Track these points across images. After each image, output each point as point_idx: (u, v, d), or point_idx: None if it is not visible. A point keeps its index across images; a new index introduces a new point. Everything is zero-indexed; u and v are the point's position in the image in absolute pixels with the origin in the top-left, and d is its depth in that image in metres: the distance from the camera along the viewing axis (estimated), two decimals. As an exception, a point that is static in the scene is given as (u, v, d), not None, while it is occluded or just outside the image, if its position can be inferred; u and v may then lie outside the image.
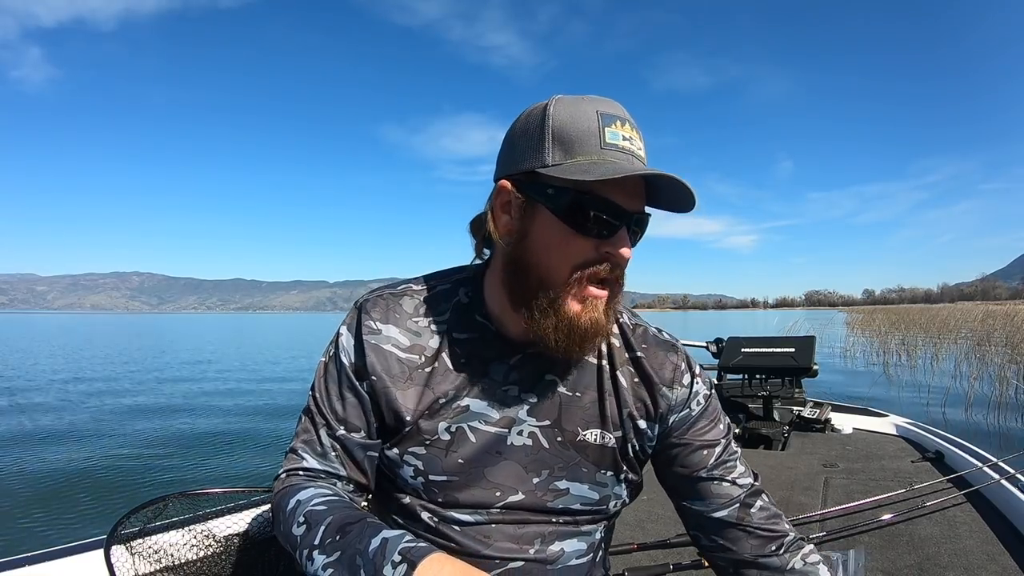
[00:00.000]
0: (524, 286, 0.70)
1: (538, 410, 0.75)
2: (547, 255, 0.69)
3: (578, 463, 0.76)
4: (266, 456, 5.54)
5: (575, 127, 0.67)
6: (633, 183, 0.68)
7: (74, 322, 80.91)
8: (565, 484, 0.76)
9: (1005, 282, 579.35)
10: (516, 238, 0.71)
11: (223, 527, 1.10)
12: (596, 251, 0.68)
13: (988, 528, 1.68)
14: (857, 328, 22.50)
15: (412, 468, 0.74)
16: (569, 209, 0.67)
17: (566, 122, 0.67)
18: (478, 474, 0.74)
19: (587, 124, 0.67)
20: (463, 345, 0.76)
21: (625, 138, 0.68)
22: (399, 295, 0.79)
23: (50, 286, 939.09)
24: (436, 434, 0.74)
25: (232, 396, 9.68)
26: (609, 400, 0.78)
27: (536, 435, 0.75)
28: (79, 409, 8.18)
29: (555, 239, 0.68)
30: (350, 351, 0.76)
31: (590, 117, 0.67)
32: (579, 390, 0.77)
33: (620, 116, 0.68)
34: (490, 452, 0.74)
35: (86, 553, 1.11)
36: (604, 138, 0.66)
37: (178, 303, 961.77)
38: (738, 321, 55.50)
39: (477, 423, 0.74)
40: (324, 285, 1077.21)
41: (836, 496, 2.05)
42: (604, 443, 0.76)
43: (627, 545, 1.67)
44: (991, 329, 15.73)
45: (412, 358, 0.75)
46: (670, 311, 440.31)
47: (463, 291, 0.79)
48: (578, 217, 0.66)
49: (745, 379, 3.43)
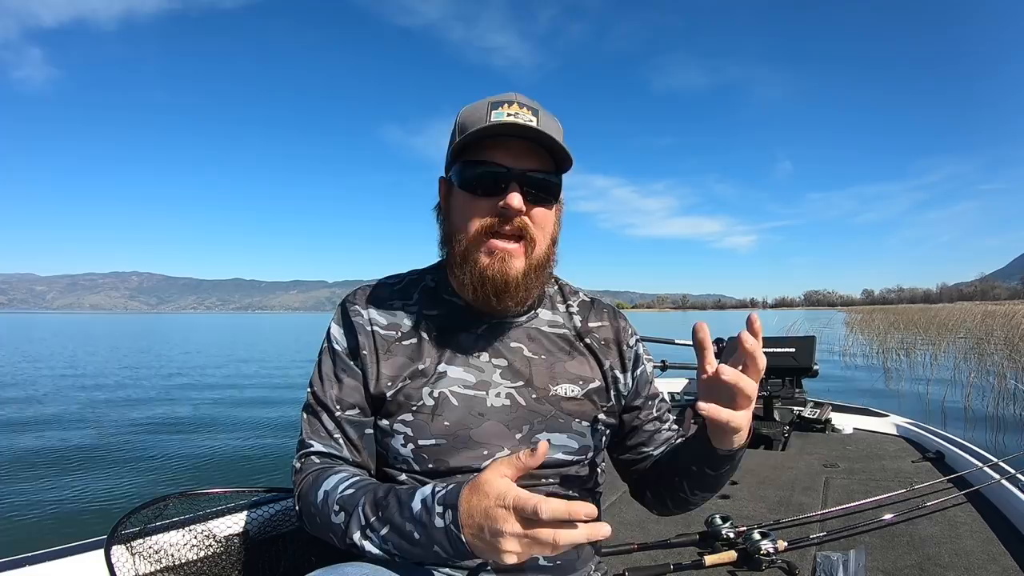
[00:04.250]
0: (455, 255, 0.83)
1: (510, 373, 0.84)
2: (460, 221, 0.82)
3: (555, 415, 0.84)
4: (266, 456, 5.54)
5: (471, 117, 0.80)
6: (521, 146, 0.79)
7: (73, 322, 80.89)
8: (545, 435, 0.83)
9: (1004, 282, 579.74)
10: (445, 217, 0.87)
11: (223, 527, 1.10)
12: (493, 208, 0.79)
13: (988, 528, 1.68)
14: (856, 328, 22.50)
15: (402, 436, 0.81)
16: (462, 177, 0.81)
17: (465, 116, 0.81)
18: (464, 436, 0.80)
19: (479, 113, 0.80)
20: (434, 320, 0.86)
21: (510, 115, 0.78)
22: (374, 286, 0.91)
23: (49, 286, 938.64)
24: (421, 400, 0.81)
25: (232, 396, 9.66)
26: (577, 359, 0.89)
27: (512, 395, 0.83)
28: (79, 409, 8.17)
29: (463, 207, 0.81)
30: (341, 338, 0.85)
31: (481, 107, 0.80)
32: (544, 353, 0.87)
33: (509, 100, 0.80)
34: (472, 414, 0.81)
35: (86, 553, 1.11)
36: (489, 118, 0.78)
37: (177, 303, 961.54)
38: (738, 321, 55.33)
39: (457, 387, 0.82)
40: (323, 285, 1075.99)
41: (836, 496, 2.05)
42: (575, 396, 0.86)
43: (627, 545, 1.67)
44: (990, 329, 15.73)
45: (390, 333, 0.85)
46: (669, 311, 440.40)
47: (429, 277, 0.92)
48: (470, 182, 0.80)
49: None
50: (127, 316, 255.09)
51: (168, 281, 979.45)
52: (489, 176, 0.78)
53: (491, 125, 0.76)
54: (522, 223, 0.79)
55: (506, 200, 0.77)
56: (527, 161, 0.79)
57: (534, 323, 0.89)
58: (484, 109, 0.79)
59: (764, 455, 2.71)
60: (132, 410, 8.13)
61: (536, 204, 0.80)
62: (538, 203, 0.81)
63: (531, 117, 0.79)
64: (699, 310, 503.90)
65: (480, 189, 0.79)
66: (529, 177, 0.79)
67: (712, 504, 1.96)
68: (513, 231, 0.79)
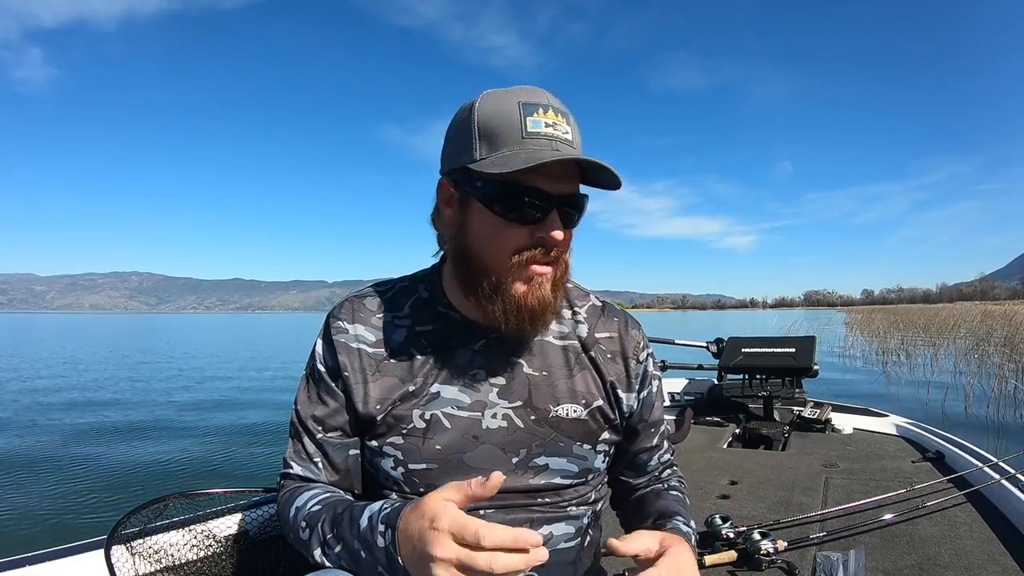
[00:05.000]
0: (471, 275, 0.75)
1: (508, 392, 0.78)
2: (485, 244, 0.73)
3: (554, 438, 0.79)
4: (266, 456, 5.54)
5: (499, 121, 0.70)
6: (560, 167, 0.70)
7: (73, 322, 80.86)
8: (544, 460, 0.78)
9: (1004, 282, 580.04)
10: (457, 230, 0.76)
11: (223, 527, 1.10)
12: (531, 236, 0.71)
13: (988, 528, 1.68)
14: (856, 328, 22.50)
15: (392, 459, 0.77)
16: (497, 200, 0.70)
17: (490, 116, 0.70)
18: (456, 460, 0.76)
19: (509, 117, 0.69)
20: (427, 336, 0.80)
21: (548, 124, 0.70)
22: (362, 296, 0.83)
23: (49, 286, 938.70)
24: (411, 422, 0.76)
25: (232, 396, 9.66)
26: (580, 375, 0.82)
27: (510, 416, 0.77)
28: (79, 409, 8.17)
29: (490, 229, 0.72)
30: (324, 356, 0.80)
31: (512, 109, 0.70)
32: (545, 369, 0.81)
33: (542, 103, 0.71)
34: (466, 437, 0.76)
35: (86, 553, 1.11)
36: (526, 128, 0.69)
37: (177, 303, 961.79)
38: (737, 321, 55.52)
39: (450, 409, 0.76)
40: (323, 285, 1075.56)
41: (836, 496, 2.05)
42: (578, 416, 0.80)
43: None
44: (990, 329, 15.73)
45: (378, 351, 0.79)
46: (669, 311, 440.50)
47: (422, 287, 0.84)
48: (507, 207, 0.70)
49: (745, 379, 3.43)
50: (127, 316, 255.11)
51: (168, 281, 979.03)
52: (528, 204, 0.70)
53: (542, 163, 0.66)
54: (559, 251, 0.74)
55: (549, 234, 0.70)
56: (565, 183, 0.72)
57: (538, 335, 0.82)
58: (515, 111, 0.69)
59: (764, 455, 2.71)
60: (132, 410, 8.13)
61: (568, 226, 0.74)
62: (569, 225, 0.74)
63: (567, 128, 0.72)
64: (699, 310, 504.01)
65: (515, 215, 0.70)
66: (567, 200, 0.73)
67: (712, 504, 1.97)
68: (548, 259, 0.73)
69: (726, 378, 3.65)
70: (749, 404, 3.33)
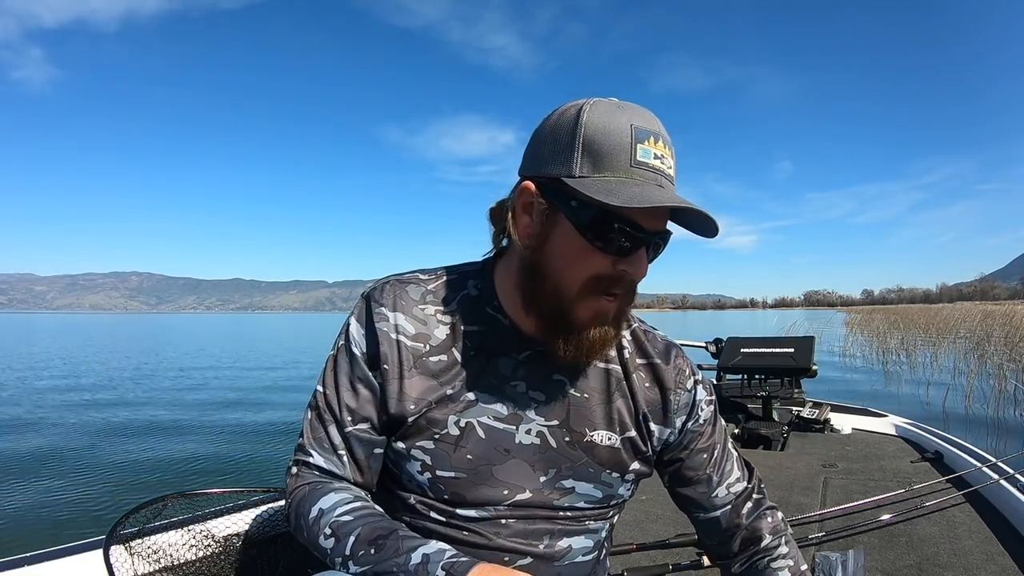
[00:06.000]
0: (538, 291, 0.70)
1: (546, 410, 0.75)
2: (564, 266, 0.68)
3: (585, 463, 0.76)
4: (266, 456, 5.54)
5: (607, 140, 0.64)
6: None
7: (73, 322, 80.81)
8: (571, 483, 0.76)
9: (1004, 282, 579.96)
10: (535, 243, 0.70)
11: (222, 527, 1.10)
12: (613, 267, 0.67)
13: (987, 528, 1.68)
14: (856, 328, 22.51)
15: (419, 463, 0.73)
16: (591, 225, 0.65)
17: (598, 132, 0.64)
18: (486, 472, 0.73)
19: (619, 138, 0.64)
20: (471, 337, 0.75)
21: (656, 156, 0.66)
22: (405, 283, 0.77)
23: (49, 286, 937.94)
24: (445, 428, 0.72)
25: (231, 396, 9.67)
26: (618, 403, 0.78)
27: (544, 434, 0.75)
28: (78, 409, 8.18)
29: (574, 252, 0.67)
30: (361, 341, 0.74)
31: (623, 131, 0.64)
32: (587, 392, 0.77)
33: (654, 132, 0.66)
34: (498, 449, 0.73)
35: (85, 553, 1.11)
36: (635, 155, 0.64)
37: (177, 303, 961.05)
38: (737, 321, 55.52)
39: (486, 418, 0.73)
40: (323, 285, 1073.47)
41: (835, 496, 2.05)
42: (611, 444, 0.77)
43: (627, 545, 1.67)
44: (990, 329, 15.74)
45: (417, 346, 0.74)
46: (669, 311, 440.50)
47: (472, 283, 0.78)
48: (599, 235, 0.65)
49: (744, 379, 3.43)
50: (127, 316, 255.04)
51: (168, 281, 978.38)
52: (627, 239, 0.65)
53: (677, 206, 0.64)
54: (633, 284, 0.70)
55: (634, 270, 0.67)
56: (661, 220, 0.68)
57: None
58: (626, 133, 0.64)
59: (763, 455, 2.72)
60: (131, 410, 8.13)
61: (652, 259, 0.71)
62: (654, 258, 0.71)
63: (671, 163, 0.68)
64: (699, 310, 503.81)
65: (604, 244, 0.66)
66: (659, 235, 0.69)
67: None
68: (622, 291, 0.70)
69: (725, 378, 3.66)
70: (748, 404, 3.33)
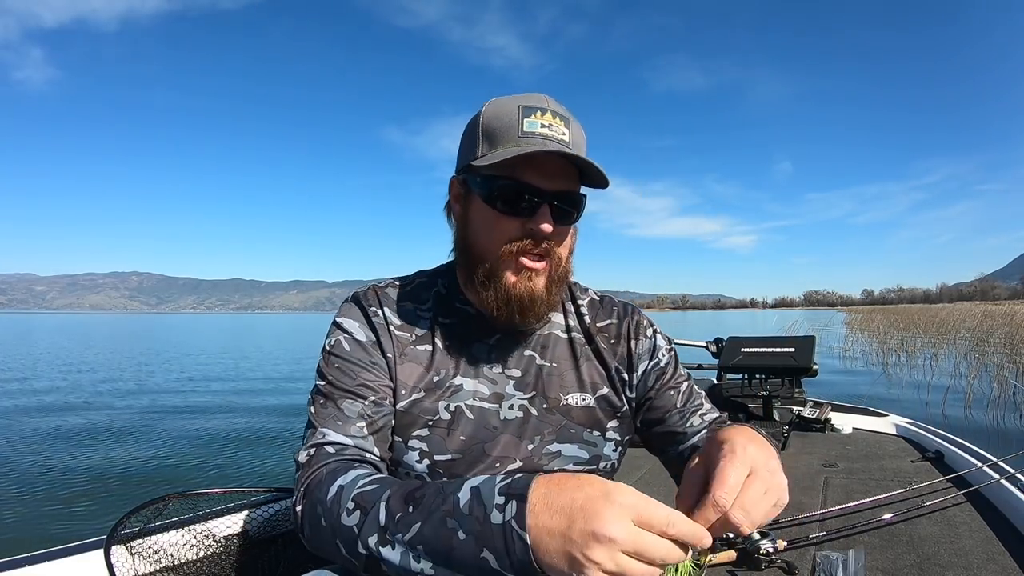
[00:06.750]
0: (469, 264, 0.80)
1: (522, 383, 0.83)
2: (481, 235, 0.78)
3: (565, 426, 0.83)
4: (266, 456, 5.54)
5: (499, 122, 0.75)
6: (555, 164, 0.75)
7: (73, 322, 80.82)
8: (556, 447, 0.82)
9: (1004, 282, 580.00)
10: (461, 224, 0.82)
11: (223, 527, 1.10)
12: (522, 228, 0.76)
13: (988, 528, 1.68)
14: (856, 328, 22.51)
15: (417, 452, 0.78)
16: (492, 194, 0.75)
17: (492, 119, 0.76)
18: (479, 450, 0.79)
19: (509, 118, 0.75)
20: (447, 329, 0.83)
21: (544, 125, 0.75)
22: (384, 287, 0.86)
23: (49, 286, 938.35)
24: (437, 414, 0.78)
25: (232, 396, 9.66)
26: (586, 366, 0.86)
27: (526, 406, 0.82)
28: (78, 409, 8.17)
29: (486, 221, 0.77)
30: (359, 331, 0.80)
31: (512, 112, 0.75)
32: (555, 360, 0.85)
33: (541, 107, 0.75)
34: (487, 427, 0.80)
35: (86, 553, 1.11)
36: (522, 128, 0.74)
37: (177, 303, 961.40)
38: (737, 321, 55.53)
39: (472, 400, 0.80)
40: (323, 285, 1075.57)
41: (836, 496, 2.05)
42: (586, 404, 0.84)
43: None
44: (990, 329, 15.74)
45: (404, 335, 0.81)
46: (669, 311, 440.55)
47: (441, 282, 0.87)
48: (500, 200, 0.75)
49: (745, 379, 3.43)
50: (127, 316, 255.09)
51: (168, 281, 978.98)
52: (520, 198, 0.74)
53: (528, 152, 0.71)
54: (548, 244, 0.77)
55: (538, 226, 0.74)
56: (558, 181, 0.76)
57: (546, 329, 0.87)
58: (514, 113, 0.75)
59: (764, 455, 2.71)
60: (132, 410, 8.13)
61: (561, 223, 0.77)
62: (563, 221, 0.78)
63: (564, 129, 0.75)
64: (699, 310, 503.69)
65: (508, 208, 0.75)
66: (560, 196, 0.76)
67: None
68: (540, 251, 0.77)
69: (725, 378, 3.65)
70: (749, 404, 3.33)
